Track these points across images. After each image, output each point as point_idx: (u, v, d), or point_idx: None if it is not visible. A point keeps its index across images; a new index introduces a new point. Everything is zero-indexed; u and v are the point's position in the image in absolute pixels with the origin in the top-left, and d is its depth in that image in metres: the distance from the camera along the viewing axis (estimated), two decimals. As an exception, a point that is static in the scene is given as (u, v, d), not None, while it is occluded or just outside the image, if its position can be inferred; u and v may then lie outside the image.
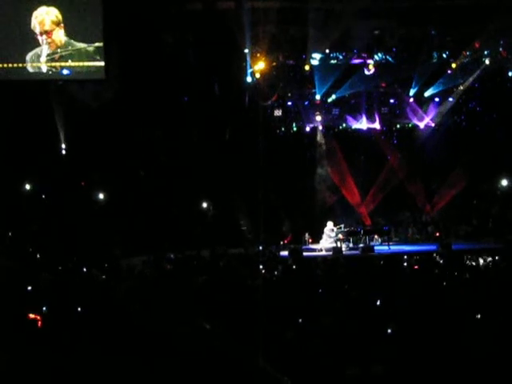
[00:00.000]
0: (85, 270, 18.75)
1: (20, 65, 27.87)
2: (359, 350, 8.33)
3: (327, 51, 30.74)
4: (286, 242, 31.29)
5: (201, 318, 9.86)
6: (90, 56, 28.02)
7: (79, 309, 11.11)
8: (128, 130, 29.29)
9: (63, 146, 29.69)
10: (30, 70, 28.04)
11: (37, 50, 27.86)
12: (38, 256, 24.54)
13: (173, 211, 28.80)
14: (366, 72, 31.30)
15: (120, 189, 29.35)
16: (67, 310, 11.07)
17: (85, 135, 28.95)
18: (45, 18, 27.80)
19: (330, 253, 27.61)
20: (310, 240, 31.16)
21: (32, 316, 9.92)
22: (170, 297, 11.98)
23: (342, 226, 30.52)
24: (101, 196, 30.40)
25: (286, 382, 7.41)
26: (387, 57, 31.27)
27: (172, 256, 22.68)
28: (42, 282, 14.98)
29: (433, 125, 33.74)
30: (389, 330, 9.19)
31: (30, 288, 13.83)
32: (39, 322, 9.80)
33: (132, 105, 29.03)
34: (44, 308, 11.00)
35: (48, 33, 27.81)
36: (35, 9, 27.75)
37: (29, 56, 27.82)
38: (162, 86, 29.05)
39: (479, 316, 9.81)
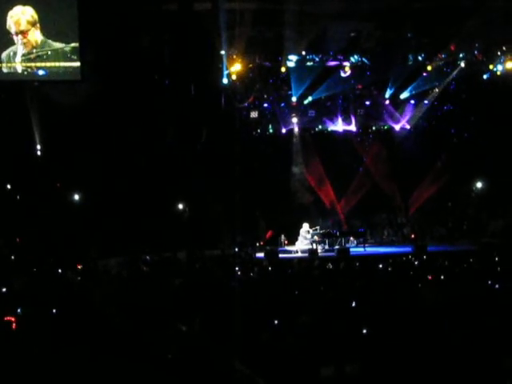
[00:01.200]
0: (60, 271, 18.68)
1: (-5, 65, 27.72)
2: (334, 351, 8.36)
3: (303, 53, 30.79)
4: (262, 243, 31.33)
5: (177, 319, 9.86)
6: (66, 56, 27.87)
7: (54, 311, 11.06)
8: (104, 130, 29.15)
9: (38, 146, 29.50)
10: (5, 70, 27.85)
11: (12, 48, 27.66)
12: (13, 258, 24.40)
13: (149, 212, 28.69)
14: (342, 74, 31.41)
15: (96, 190, 29.21)
16: (42, 312, 11.01)
17: (60, 136, 28.79)
18: (20, 17, 27.61)
19: (306, 254, 27.66)
20: (286, 242, 31.22)
21: (6, 318, 9.87)
22: (146, 298, 11.96)
23: (318, 227, 30.61)
24: (76, 197, 30.25)
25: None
26: (363, 59, 31.38)
27: (148, 258, 22.64)
28: (17, 283, 14.91)
29: (408, 127, 33.90)
30: (364, 331, 9.22)
31: (4, 290, 13.76)
32: (14, 324, 9.74)
33: (108, 106, 28.92)
34: (19, 310, 10.94)
35: (24, 33, 27.62)
36: (10, 8, 27.53)
37: (4, 55, 27.62)
38: (137, 87, 28.97)
39: (454, 317, 9.86)
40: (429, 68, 31.76)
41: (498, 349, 8.37)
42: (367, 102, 33.66)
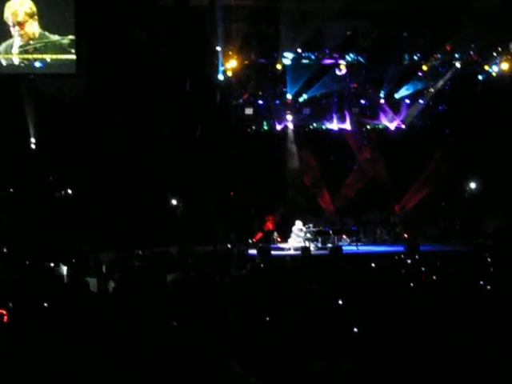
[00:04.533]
0: (52, 265, 18.65)
1: (-8, 57, 27.68)
2: (325, 349, 8.36)
3: (299, 51, 30.82)
4: (255, 240, 31.31)
5: (169, 315, 9.85)
6: (63, 49, 27.88)
7: (45, 304, 11.04)
8: (98, 125, 29.12)
9: (32, 140, 29.45)
10: (3, 62, 27.81)
11: (9, 41, 27.63)
12: (5, 250, 24.35)
13: (142, 207, 28.68)
14: (338, 72, 31.44)
15: (89, 184, 29.18)
16: (34, 305, 10.99)
17: (54, 130, 28.75)
18: (18, 9, 27.60)
19: (299, 252, 27.62)
20: (279, 239, 31.19)
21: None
22: (138, 293, 11.95)
23: (311, 225, 30.55)
24: (69, 191, 30.22)
25: (253, 382, 7.42)
26: (359, 57, 31.45)
27: (140, 252, 22.60)
28: (8, 276, 14.88)
29: (403, 126, 33.92)
30: (355, 330, 9.22)
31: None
32: (5, 317, 9.72)
33: (102, 100, 28.88)
34: (10, 303, 10.91)
35: (21, 24, 27.60)
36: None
37: (1, 47, 27.59)
38: (133, 82, 28.94)
39: (445, 317, 9.87)
40: (424, 68, 31.84)
41: (489, 349, 8.38)
42: (362, 101, 33.70)
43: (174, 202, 31.55)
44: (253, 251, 27.03)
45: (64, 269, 17.90)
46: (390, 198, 33.79)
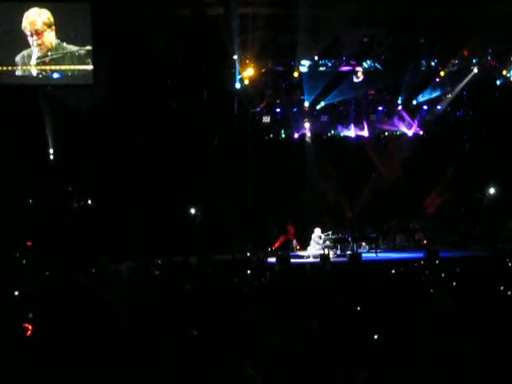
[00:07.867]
0: (72, 275, 18.67)
1: (9, 68, 27.76)
2: (345, 357, 8.32)
3: (316, 58, 30.75)
4: (274, 248, 31.31)
5: (188, 324, 9.84)
6: (80, 59, 27.98)
7: (65, 314, 11.05)
8: (116, 135, 29.22)
9: (51, 150, 29.56)
10: (19, 73, 27.90)
11: (26, 51, 27.73)
12: (24, 262, 24.43)
13: (161, 217, 28.73)
14: (355, 79, 31.37)
15: (108, 194, 29.27)
16: (54, 317, 11.01)
17: (72, 140, 28.87)
18: (36, 19, 27.72)
19: (318, 260, 27.59)
20: (298, 247, 31.18)
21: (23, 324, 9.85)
22: (157, 303, 11.95)
23: (330, 232, 30.49)
24: (88, 201, 30.30)
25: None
26: (376, 64, 31.32)
27: (160, 262, 22.63)
28: (29, 287, 14.91)
29: (421, 132, 33.85)
30: (375, 337, 9.18)
31: (16, 293, 13.77)
32: (28, 332, 9.73)
33: (120, 110, 28.96)
34: (30, 314, 10.93)
35: (39, 34, 27.71)
36: (27, 9, 27.66)
37: (18, 58, 27.69)
38: (150, 92, 29.03)
39: (466, 323, 9.82)
40: (442, 73, 31.73)
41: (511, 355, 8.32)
42: (380, 108, 33.65)
43: (192, 211, 31.58)
44: (272, 259, 27.05)
45: (84, 279, 17.91)
46: (408, 205, 33.66)
